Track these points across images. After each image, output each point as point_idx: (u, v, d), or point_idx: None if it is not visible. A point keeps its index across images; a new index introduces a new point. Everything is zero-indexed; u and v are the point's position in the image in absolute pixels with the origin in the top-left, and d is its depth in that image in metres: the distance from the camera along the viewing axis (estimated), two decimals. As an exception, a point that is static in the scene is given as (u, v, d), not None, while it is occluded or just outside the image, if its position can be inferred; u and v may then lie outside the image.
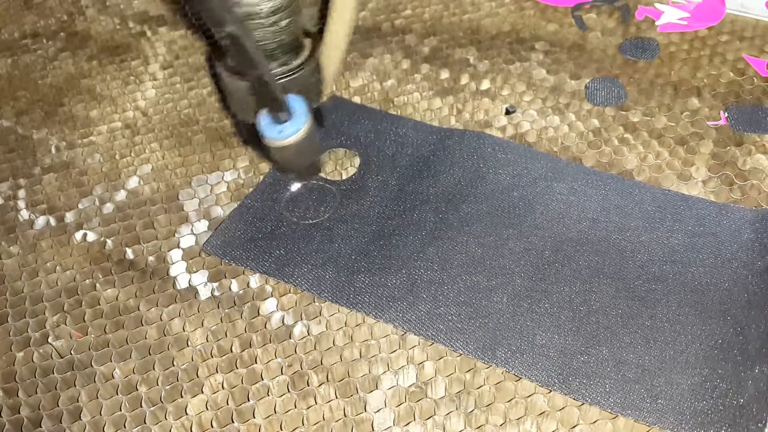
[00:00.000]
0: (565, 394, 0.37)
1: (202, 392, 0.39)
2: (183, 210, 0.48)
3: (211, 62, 0.58)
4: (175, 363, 0.40)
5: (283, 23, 0.40)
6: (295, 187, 0.47)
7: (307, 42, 0.44)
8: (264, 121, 0.40)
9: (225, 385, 0.39)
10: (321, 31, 0.49)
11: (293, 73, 0.42)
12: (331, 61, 0.47)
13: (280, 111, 0.39)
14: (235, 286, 0.43)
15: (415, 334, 0.40)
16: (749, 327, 0.39)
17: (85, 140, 0.54)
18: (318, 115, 0.45)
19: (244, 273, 0.44)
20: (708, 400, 0.36)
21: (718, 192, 0.47)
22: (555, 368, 0.38)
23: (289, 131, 0.39)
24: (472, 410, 0.37)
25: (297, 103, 0.40)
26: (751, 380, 0.37)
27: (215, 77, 0.56)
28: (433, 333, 0.40)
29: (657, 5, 0.62)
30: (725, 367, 0.38)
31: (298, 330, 0.41)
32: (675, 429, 0.36)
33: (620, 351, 0.39)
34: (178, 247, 0.46)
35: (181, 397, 0.39)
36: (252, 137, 0.44)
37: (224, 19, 0.33)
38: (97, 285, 0.44)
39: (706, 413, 0.36)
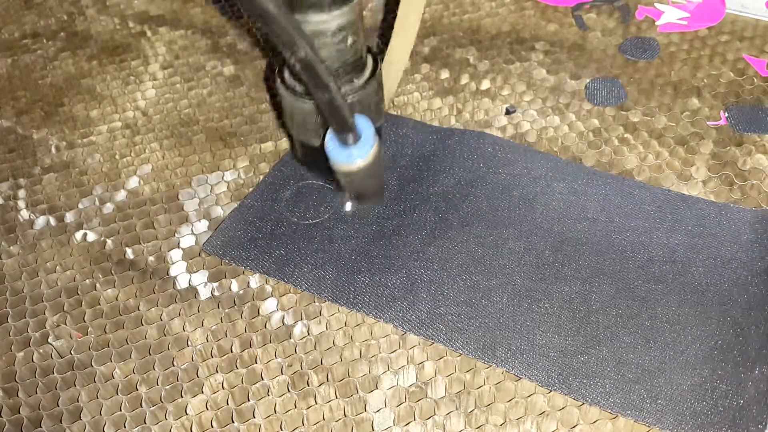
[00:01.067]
0: (565, 394, 0.37)
1: (202, 392, 0.39)
2: (183, 210, 0.48)
3: (269, 80, 0.57)
4: (175, 363, 0.40)
5: (349, 41, 0.39)
6: (294, 188, 0.47)
7: (370, 60, 0.42)
8: (331, 144, 0.38)
9: (225, 385, 0.39)
10: (382, 50, 0.47)
11: (358, 93, 0.41)
12: (391, 79, 0.46)
13: (348, 133, 0.37)
14: (235, 286, 0.43)
15: (415, 334, 0.40)
16: (749, 328, 0.39)
17: (85, 140, 0.54)
18: (379, 135, 0.43)
19: (244, 273, 0.44)
20: (708, 401, 0.36)
21: (718, 192, 0.47)
22: (555, 368, 0.38)
23: (358, 154, 0.37)
24: (472, 410, 0.37)
25: (364, 125, 0.38)
26: (751, 381, 0.37)
27: (273, 95, 0.55)
28: (433, 333, 0.40)
29: (657, 5, 0.62)
30: (725, 367, 0.38)
31: (298, 330, 0.41)
32: (675, 429, 0.36)
33: (620, 351, 0.39)
34: (178, 247, 0.46)
35: (181, 397, 0.39)
36: (310, 158, 0.42)
37: (297, 44, 0.31)
38: (97, 285, 0.44)
39: (706, 414, 0.36)
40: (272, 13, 0.29)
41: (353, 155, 0.37)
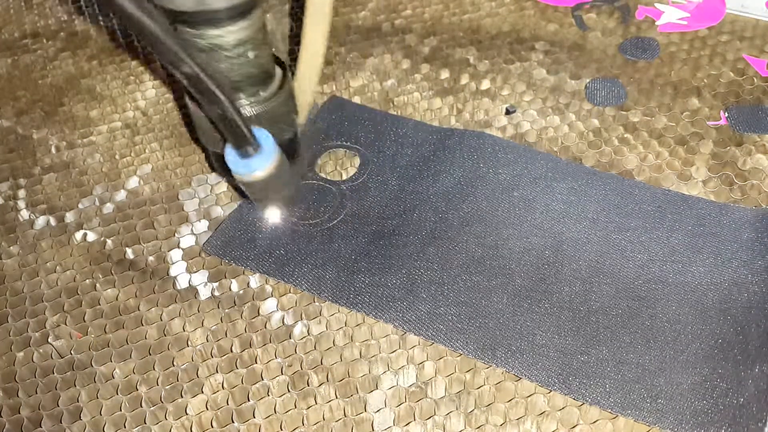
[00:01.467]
0: (565, 394, 0.37)
1: (202, 392, 0.39)
2: (183, 210, 0.48)
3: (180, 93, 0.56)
4: (175, 363, 0.40)
5: (251, 54, 0.38)
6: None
7: (278, 71, 0.42)
8: (230, 155, 0.37)
9: (225, 385, 0.39)
10: (294, 59, 0.47)
11: (265, 105, 0.40)
12: (304, 90, 0.45)
13: (246, 145, 0.37)
14: (235, 286, 0.43)
15: (415, 334, 0.40)
16: (749, 326, 0.39)
17: (85, 140, 0.54)
18: (292, 147, 0.43)
19: (244, 273, 0.44)
20: (708, 400, 0.36)
21: (718, 192, 0.47)
22: (555, 368, 0.38)
23: (256, 165, 0.37)
24: (472, 410, 0.37)
25: (264, 137, 0.38)
26: (751, 379, 0.37)
27: (183, 108, 0.55)
28: (433, 333, 0.40)
29: (657, 5, 0.62)
30: (725, 366, 0.38)
31: (298, 330, 0.41)
32: (675, 428, 0.36)
33: (620, 351, 0.39)
34: (178, 247, 0.46)
35: (181, 397, 0.39)
36: (222, 167, 0.41)
37: (180, 59, 0.30)
38: (97, 285, 0.44)
39: (706, 413, 0.36)
40: (151, 29, 0.28)
41: (251, 166, 0.37)
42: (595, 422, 0.37)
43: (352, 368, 0.39)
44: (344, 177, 0.49)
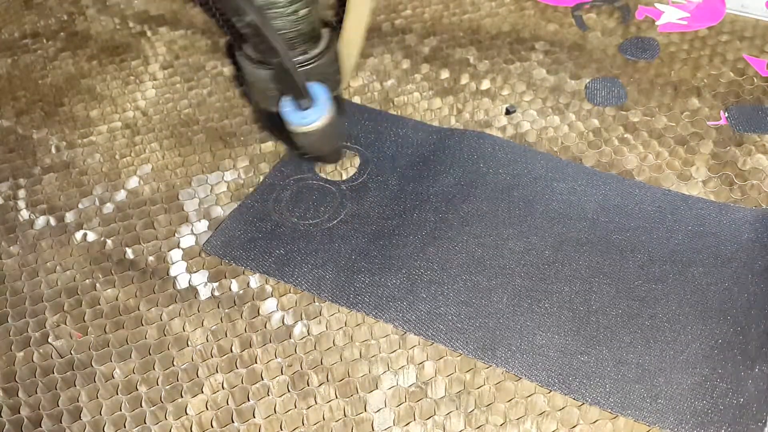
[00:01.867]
0: (565, 394, 0.37)
1: (202, 392, 0.39)
2: (183, 210, 0.48)
3: (232, 52, 0.59)
4: (175, 363, 0.40)
5: (302, 12, 0.41)
6: (294, 188, 0.48)
7: (326, 32, 0.45)
8: (287, 108, 0.41)
9: (225, 385, 0.39)
10: (339, 22, 0.49)
11: (313, 62, 0.43)
12: (349, 53, 0.48)
13: (302, 98, 0.40)
14: (235, 286, 0.43)
15: (415, 334, 0.40)
16: (749, 326, 0.39)
17: (85, 140, 0.54)
18: (338, 104, 0.46)
19: (244, 273, 0.44)
20: (708, 400, 0.36)
21: (718, 192, 0.47)
22: (555, 368, 0.38)
23: (312, 117, 0.41)
24: (472, 410, 0.37)
25: (319, 90, 0.41)
26: (751, 380, 0.37)
27: (237, 67, 0.58)
28: (433, 333, 0.40)
29: (657, 5, 0.62)
30: (725, 366, 0.38)
31: (298, 330, 0.41)
32: (675, 429, 0.36)
33: (620, 351, 0.39)
34: (178, 247, 0.46)
35: (181, 397, 0.39)
36: (273, 125, 0.45)
37: (243, 9, 0.34)
38: (97, 285, 0.44)
39: (706, 413, 0.36)
40: None
41: (307, 118, 0.41)
42: (595, 422, 0.37)
43: (352, 368, 0.39)
44: (344, 177, 0.49)
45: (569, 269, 0.42)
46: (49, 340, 0.42)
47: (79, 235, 0.47)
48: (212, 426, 0.38)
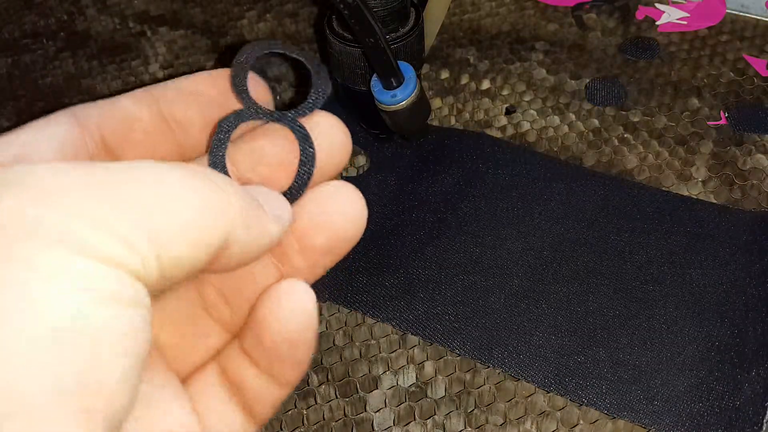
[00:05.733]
0: (561, 395, 0.38)
1: (202, 392, 0.39)
2: (183, 210, 0.48)
3: (317, 29, 0.60)
4: (175, 363, 0.40)
5: None
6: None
7: (412, 9, 0.46)
8: (377, 87, 0.42)
9: (225, 386, 0.39)
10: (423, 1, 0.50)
11: (402, 40, 0.44)
12: (431, 31, 0.49)
13: (393, 77, 0.41)
14: (235, 287, 0.44)
15: (412, 334, 0.40)
16: (746, 329, 0.39)
17: (85, 140, 0.54)
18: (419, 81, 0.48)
19: (243, 273, 0.44)
20: (704, 402, 0.37)
21: (718, 192, 0.47)
22: (551, 369, 0.38)
23: (401, 96, 0.42)
24: (472, 410, 0.38)
25: (406, 69, 0.42)
26: (747, 383, 0.37)
27: (322, 44, 0.58)
28: (430, 333, 0.40)
29: (657, 5, 0.62)
30: (722, 369, 0.38)
31: (298, 330, 0.41)
32: (671, 431, 0.36)
33: (617, 352, 0.39)
34: (179, 247, 0.46)
35: (182, 397, 0.39)
36: (349, 100, 0.47)
37: None
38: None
39: (702, 415, 0.36)
40: None
41: (397, 97, 0.41)
42: (595, 422, 0.37)
43: (352, 368, 0.40)
44: (343, 176, 0.50)
45: (567, 270, 0.43)
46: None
47: (79, 235, 0.47)
48: (212, 426, 0.38)
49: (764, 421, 0.35)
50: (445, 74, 0.57)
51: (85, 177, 0.15)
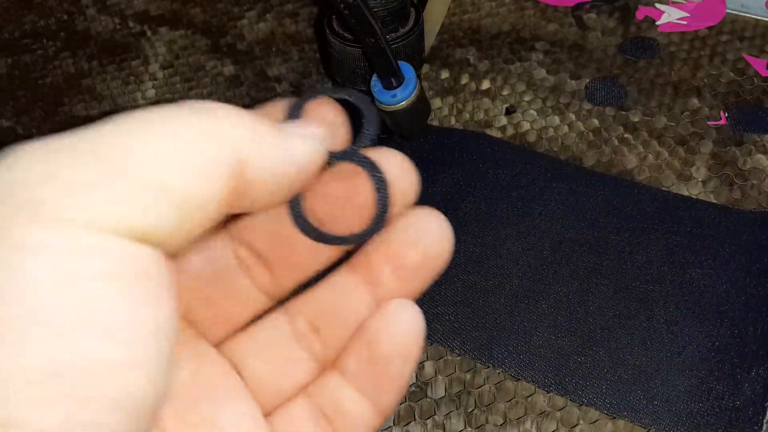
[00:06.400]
0: (561, 395, 0.37)
1: (202, 392, 0.39)
2: (183, 210, 0.48)
3: (317, 29, 0.60)
4: (174, 363, 0.40)
5: None
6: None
7: (412, 9, 0.46)
8: (377, 87, 0.42)
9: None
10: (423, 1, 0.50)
11: (402, 40, 0.44)
12: (430, 30, 0.49)
13: (393, 77, 0.41)
14: (234, 287, 0.44)
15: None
16: (746, 329, 0.39)
17: (85, 140, 0.54)
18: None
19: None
20: (704, 402, 0.37)
21: (718, 192, 0.47)
22: (551, 369, 0.38)
23: (401, 96, 0.42)
24: (472, 410, 0.38)
25: (406, 69, 0.42)
26: (747, 383, 0.37)
27: (322, 44, 0.58)
28: (430, 333, 0.40)
29: (657, 5, 0.62)
30: (722, 369, 0.38)
31: (297, 330, 0.41)
32: (671, 430, 0.36)
33: (617, 352, 0.39)
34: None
35: (181, 397, 0.39)
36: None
37: None
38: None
39: (702, 415, 0.36)
40: None
41: (397, 97, 0.42)
42: (595, 422, 0.37)
43: (351, 368, 0.39)
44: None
45: (567, 270, 0.43)
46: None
47: (79, 235, 0.47)
48: (211, 426, 0.38)
49: (764, 421, 0.35)
50: (445, 74, 0.57)
51: (74, 149, 0.14)
